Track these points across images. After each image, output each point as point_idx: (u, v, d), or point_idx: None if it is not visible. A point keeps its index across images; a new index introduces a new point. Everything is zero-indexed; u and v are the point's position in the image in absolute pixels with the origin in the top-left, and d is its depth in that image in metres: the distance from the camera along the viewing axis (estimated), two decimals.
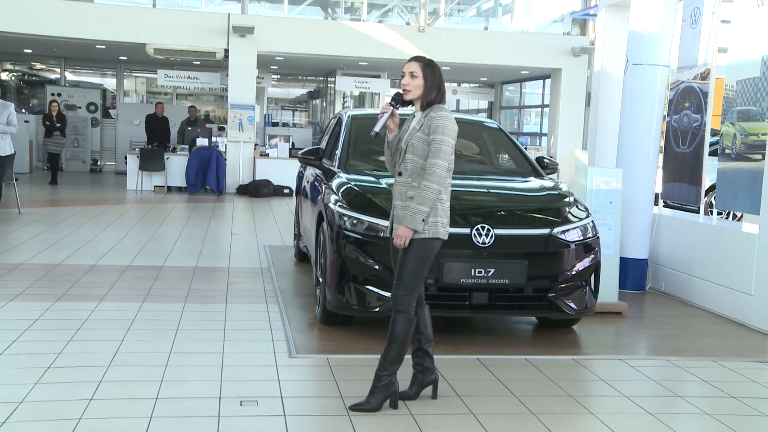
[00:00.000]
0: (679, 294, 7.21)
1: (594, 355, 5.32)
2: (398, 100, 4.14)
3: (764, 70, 6.22)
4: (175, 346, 4.98)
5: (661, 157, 7.96)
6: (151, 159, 15.65)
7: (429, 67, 4.14)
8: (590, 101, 9.00)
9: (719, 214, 7.76)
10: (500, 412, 4.06)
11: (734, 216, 8.96)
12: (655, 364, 5.11)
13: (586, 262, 5.43)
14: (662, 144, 7.90)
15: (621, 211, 6.86)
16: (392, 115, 4.14)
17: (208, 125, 18.59)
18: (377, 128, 4.13)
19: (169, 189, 15.90)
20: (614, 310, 6.49)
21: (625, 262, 7.17)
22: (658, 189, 8.01)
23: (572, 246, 5.36)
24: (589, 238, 5.48)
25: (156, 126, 17.05)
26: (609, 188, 6.81)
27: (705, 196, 7.95)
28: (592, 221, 5.62)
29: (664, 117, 7.84)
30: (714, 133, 7.61)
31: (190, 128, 16.76)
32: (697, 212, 7.71)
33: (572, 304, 5.35)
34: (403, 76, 4.13)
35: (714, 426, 3.98)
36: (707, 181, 7.71)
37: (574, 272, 5.36)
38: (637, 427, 3.94)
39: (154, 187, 15.78)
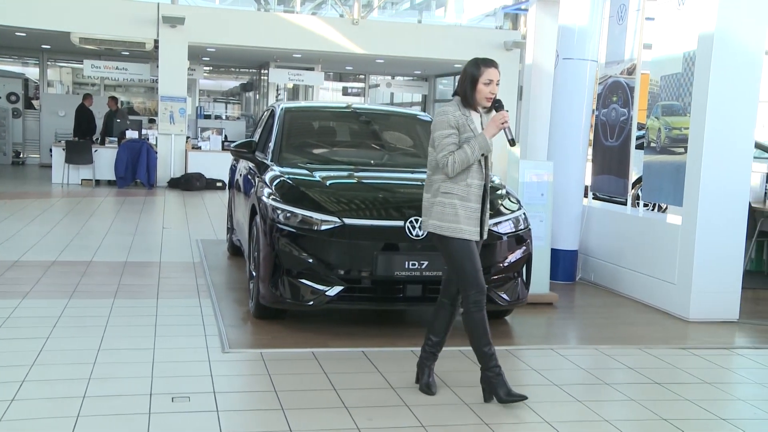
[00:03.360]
0: (607, 284, 7.38)
1: (526, 345, 5.41)
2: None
3: (686, 66, 6.40)
4: (104, 342, 4.86)
5: (590, 150, 8.14)
6: (79, 152, 15.22)
7: None
8: (522, 95, 9.13)
9: (645, 206, 7.97)
10: (434, 403, 4.09)
11: (659, 208, 9.22)
12: (584, 353, 5.23)
13: (518, 253, 5.51)
14: (591, 137, 8.07)
15: (552, 203, 6.98)
16: None
17: (134, 117, 18.16)
18: (512, 135, 4.15)
19: (98, 182, 15.50)
20: (545, 301, 6.61)
21: (556, 254, 7.30)
22: (588, 181, 8.19)
23: (504, 238, 5.43)
24: (521, 230, 5.56)
25: (84, 118, 16.57)
26: (540, 181, 6.91)
27: (632, 189, 8.16)
28: (524, 213, 5.69)
29: (593, 111, 8.01)
30: (640, 126, 7.81)
31: (119, 120, 16.36)
32: (625, 204, 7.91)
33: (505, 296, 5.42)
34: (487, 84, 4.04)
35: (639, 411, 4.09)
36: (634, 174, 7.92)
37: (506, 264, 5.43)
38: (566, 415, 4.02)
39: (82, 180, 15.36)
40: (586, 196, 8.26)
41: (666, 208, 8.42)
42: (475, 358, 4.88)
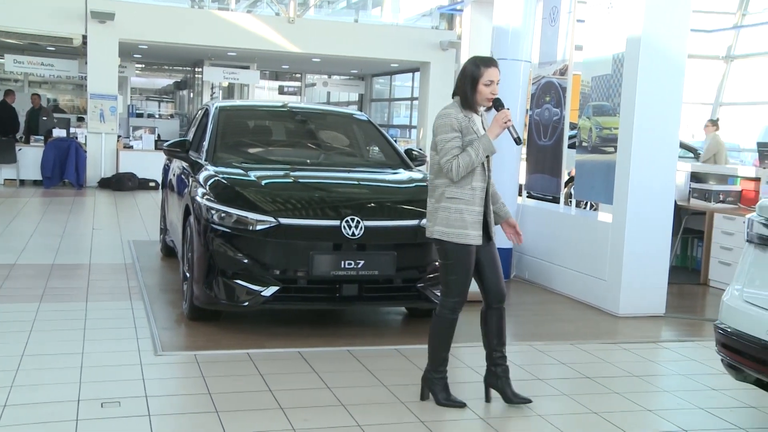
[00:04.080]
0: (541, 281, 7.51)
1: (461, 343, 5.43)
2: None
3: (615, 67, 6.56)
4: (29, 348, 4.71)
5: (524, 149, 8.26)
6: (1, 150, 14.71)
7: None
8: None
9: (578, 204, 8.14)
10: (370, 402, 4.10)
11: (591, 206, 9.42)
12: (518, 350, 5.30)
13: None
14: (525, 136, 8.19)
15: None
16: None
17: (60, 115, 17.64)
18: (518, 134, 4.06)
19: (22, 182, 15.01)
20: (480, 298, 6.62)
21: None
22: (522, 180, 8.31)
23: None
24: None
25: (6, 115, 15.99)
26: None
27: (565, 187, 8.31)
28: None
29: (527, 110, 8.14)
30: (572, 126, 7.97)
31: (45, 118, 15.87)
32: (558, 203, 8.06)
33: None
34: (487, 85, 3.97)
35: (571, 405, 4.17)
36: (566, 173, 8.07)
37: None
38: (500, 411, 4.07)
39: (5, 180, 14.85)
40: (520, 194, 8.38)
41: (597, 206, 8.61)
42: (407, 356, 4.91)
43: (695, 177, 8.70)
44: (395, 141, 8.44)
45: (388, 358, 4.90)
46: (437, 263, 5.43)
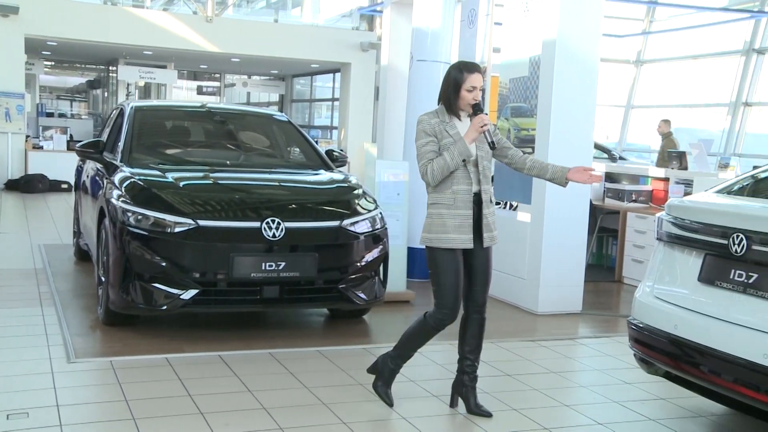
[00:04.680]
0: None
1: (383, 344, 5.45)
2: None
3: (532, 70, 6.70)
4: None
5: None
6: None
7: None
8: (378, 95, 9.23)
9: (498, 204, 8.26)
10: (292, 404, 4.06)
11: (511, 206, 9.58)
12: (439, 349, 5.33)
13: (375, 252, 5.56)
14: None
15: (408, 202, 7.09)
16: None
17: None
18: (493, 138, 3.92)
19: None
20: (403, 299, 6.70)
21: (412, 252, 7.42)
22: None
23: (361, 237, 5.47)
24: (378, 229, 5.62)
25: None
26: (397, 180, 7.01)
27: None
28: (381, 213, 5.76)
29: None
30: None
31: None
32: None
33: (362, 295, 5.46)
34: (470, 91, 3.87)
35: (491, 403, 4.23)
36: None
37: (363, 263, 5.46)
38: (423, 410, 4.10)
39: None
40: None
41: (516, 206, 8.76)
42: (329, 357, 4.89)
43: (609, 177, 8.97)
44: (316, 142, 8.41)
45: (310, 359, 4.87)
46: (359, 264, 5.46)
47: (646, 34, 16.03)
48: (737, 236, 3.30)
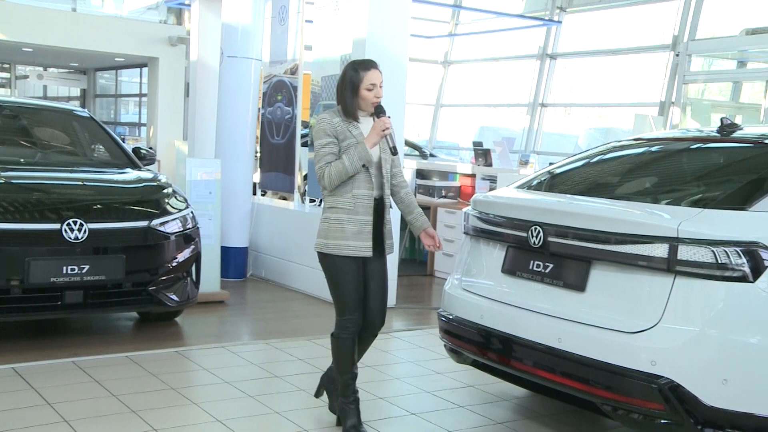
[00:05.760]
0: (278, 279, 7.55)
1: (197, 346, 5.32)
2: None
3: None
4: None
5: (258, 147, 8.26)
6: None
7: None
8: (189, 92, 8.96)
9: (312, 201, 8.29)
10: (98, 414, 3.84)
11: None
12: (256, 348, 5.28)
13: (186, 253, 5.41)
14: (258, 134, 8.19)
15: (221, 201, 6.96)
16: None
17: None
18: (393, 143, 3.68)
19: None
20: (217, 299, 6.57)
21: (226, 251, 7.30)
22: (257, 179, 8.30)
23: (172, 237, 5.30)
24: (189, 228, 5.48)
25: None
26: (209, 179, 6.87)
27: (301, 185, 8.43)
28: (192, 212, 5.62)
29: (260, 109, 8.14)
30: (305, 125, 8.11)
31: None
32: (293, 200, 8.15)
33: (174, 296, 5.29)
34: (370, 90, 3.65)
35: (308, 400, 4.23)
36: (301, 171, 8.20)
37: (174, 264, 5.30)
38: (238, 411, 4.02)
39: None
40: (255, 193, 8.36)
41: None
42: (139, 362, 4.69)
43: (420, 174, 9.26)
44: (123, 139, 8.02)
45: (119, 366, 4.64)
46: (170, 265, 5.27)
47: (452, 36, 16.72)
48: (535, 229, 3.50)
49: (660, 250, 3.07)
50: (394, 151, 3.70)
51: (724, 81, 13.10)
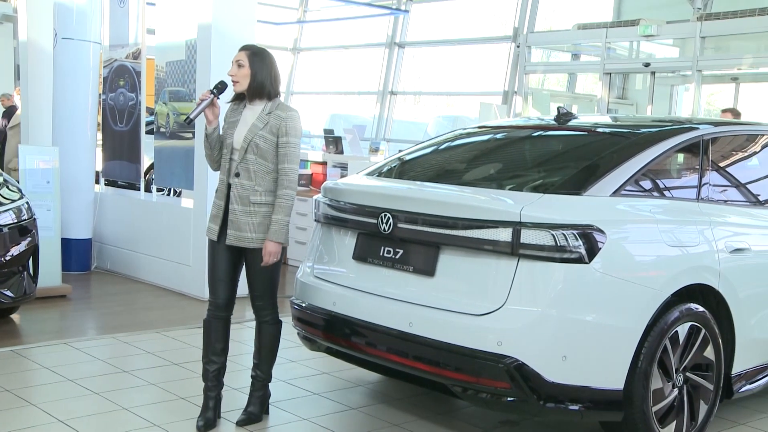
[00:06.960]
0: (125, 271, 7.27)
1: (36, 343, 5.04)
2: (221, 89, 3.71)
3: (189, 53, 6.58)
4: None
5: (100, 135, 7.89)
6: None
7: (257, 56, 3.67)
8: (20, 75, 8.40)
9: (160, 190, 8.03)
10: None
11: (175, 192, 9.37)
12: (101, 344, 5.07)
13: (22, 246, 5.14)
14: (100, 121, 7.82)
15: (60, 190, 6.61)
16: (212, 104, 3.66)
17: None
18: (193, 115, 3.65)
19: None
20: (58, 293, 6.27)
21: (68, 243, 6.96)
22: (99, 167, 7.93)
23: (5, 230, 5.03)
24: (25, 220, 5.20)
25: None
26: (46, 167, 6.51)
27: (147, 174, 8.13)
28: (27, 203, 5.34)
29: (101, 95, 7.77)
30: (150, 111, 7.82)
31: None
32: (139, 189, 7.85)
33: (8, 292, 5.02)
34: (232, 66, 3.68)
35: (159, 394, 4.12)
36: (147, 159, 7.90)
37: (8, 258, 5.03)
38: (83, 410, 3.85)
39: None
40: (98, 182, 7.99)
41: (180, 192, 8.59)
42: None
43: None
44: None
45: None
46: (3, 259, 4.95)
47: (301, 23, 16.63)
48: (385, 215, 3.56)
49: (504, 234, 3.20)
50: (187, 120, 3.76)
51: (560, 72, 13.85)
